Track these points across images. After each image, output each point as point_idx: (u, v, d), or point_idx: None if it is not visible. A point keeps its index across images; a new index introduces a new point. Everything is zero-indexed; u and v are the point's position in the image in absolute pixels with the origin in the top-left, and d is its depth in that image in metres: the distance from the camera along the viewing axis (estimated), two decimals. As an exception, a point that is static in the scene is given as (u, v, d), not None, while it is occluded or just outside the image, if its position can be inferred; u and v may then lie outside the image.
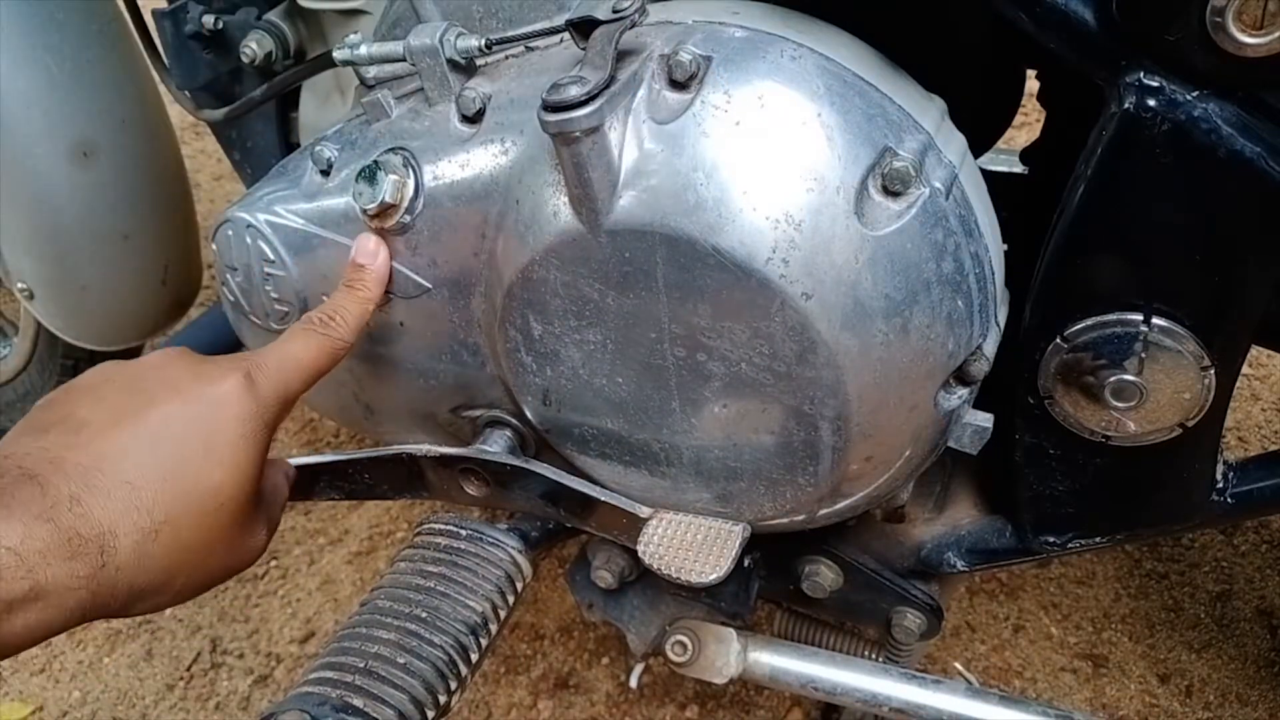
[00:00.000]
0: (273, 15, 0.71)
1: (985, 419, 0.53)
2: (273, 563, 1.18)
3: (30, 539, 0.36)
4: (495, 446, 0.60)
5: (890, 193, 0.44)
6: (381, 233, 0.53)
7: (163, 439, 0.42)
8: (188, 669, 1.08)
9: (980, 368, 0.49)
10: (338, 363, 0.51)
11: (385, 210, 0.52)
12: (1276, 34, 0.39)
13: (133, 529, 0.39)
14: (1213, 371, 0.50)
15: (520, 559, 0.63)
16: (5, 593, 0.35)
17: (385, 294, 0.55)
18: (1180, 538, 1.13)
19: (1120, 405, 0.51)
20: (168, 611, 1.13)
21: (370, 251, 0.53)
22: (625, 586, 0.71)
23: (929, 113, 0.48)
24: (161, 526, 0.40)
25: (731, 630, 0.69)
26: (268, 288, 0.60)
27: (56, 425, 0.42)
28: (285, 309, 0.60)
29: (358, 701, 0.53)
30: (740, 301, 0.45)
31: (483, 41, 0.50)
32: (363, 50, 0.53)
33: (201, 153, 2.01)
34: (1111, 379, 0.50)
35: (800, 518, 0.54)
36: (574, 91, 0.41)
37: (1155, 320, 0.49)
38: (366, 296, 0.53)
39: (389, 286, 0.55)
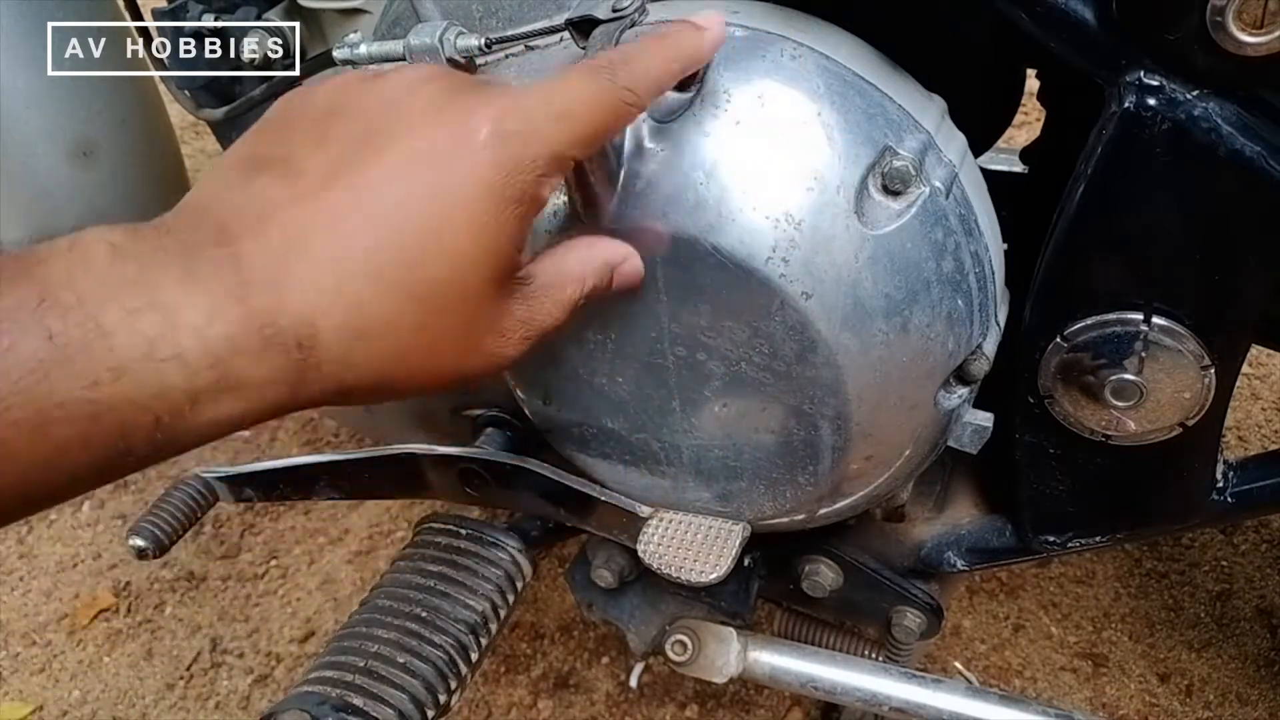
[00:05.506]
0: (272, 15, 0.71)
1: (985, 418, 0.53)
2: (273, 562, 1.18)
3: (217, 320, 0.30)
4: (495, 446, 0.60)
5: (890, 192, 0.44)
6: None
7: (385, 208, 0.33)
8: (188, 668, 1.08)
9: (980, 367, 0.49)
10: (622, 128, 0.38)
11: (385, 210, 0.51)
12: (1276, 33, 0.39)
13: (337, 326, 0.32)
14: (1213, 371, 0.50)
15: (520, 558, 0.63)
16: (189, 382, 0.30)
17: None
18: (1180, 537, 1.12)
19: (1120, 404, 0.51)
20: (168, 610, 1.13)
21: (713, 20, 0.40)
22: (625, 586, 0.71)
23: (929, 112, 0.48)
24: (372, 324, 0.33)
25: (731, 630, 0.69)
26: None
27: (271, 167, 0.34)
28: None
29: (358, 701, 0.53)
30: (740, 301, 0.45)
31: (482, 41, 0.50)
32: (362, 49, 0.53)
33: (201, 153, 2.01)
34: (1111, 378, 0.50)
35: (800, 517, 0.54)
36: (574, 91, 0.41)
37: (1155, 319, 0.49)
38: (677, 53, 0.39)
39: None
